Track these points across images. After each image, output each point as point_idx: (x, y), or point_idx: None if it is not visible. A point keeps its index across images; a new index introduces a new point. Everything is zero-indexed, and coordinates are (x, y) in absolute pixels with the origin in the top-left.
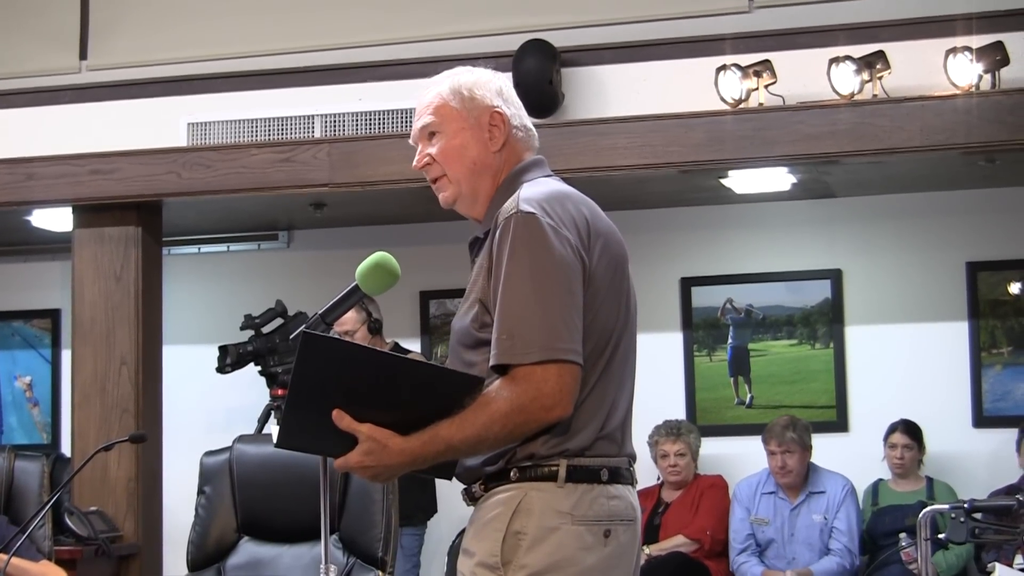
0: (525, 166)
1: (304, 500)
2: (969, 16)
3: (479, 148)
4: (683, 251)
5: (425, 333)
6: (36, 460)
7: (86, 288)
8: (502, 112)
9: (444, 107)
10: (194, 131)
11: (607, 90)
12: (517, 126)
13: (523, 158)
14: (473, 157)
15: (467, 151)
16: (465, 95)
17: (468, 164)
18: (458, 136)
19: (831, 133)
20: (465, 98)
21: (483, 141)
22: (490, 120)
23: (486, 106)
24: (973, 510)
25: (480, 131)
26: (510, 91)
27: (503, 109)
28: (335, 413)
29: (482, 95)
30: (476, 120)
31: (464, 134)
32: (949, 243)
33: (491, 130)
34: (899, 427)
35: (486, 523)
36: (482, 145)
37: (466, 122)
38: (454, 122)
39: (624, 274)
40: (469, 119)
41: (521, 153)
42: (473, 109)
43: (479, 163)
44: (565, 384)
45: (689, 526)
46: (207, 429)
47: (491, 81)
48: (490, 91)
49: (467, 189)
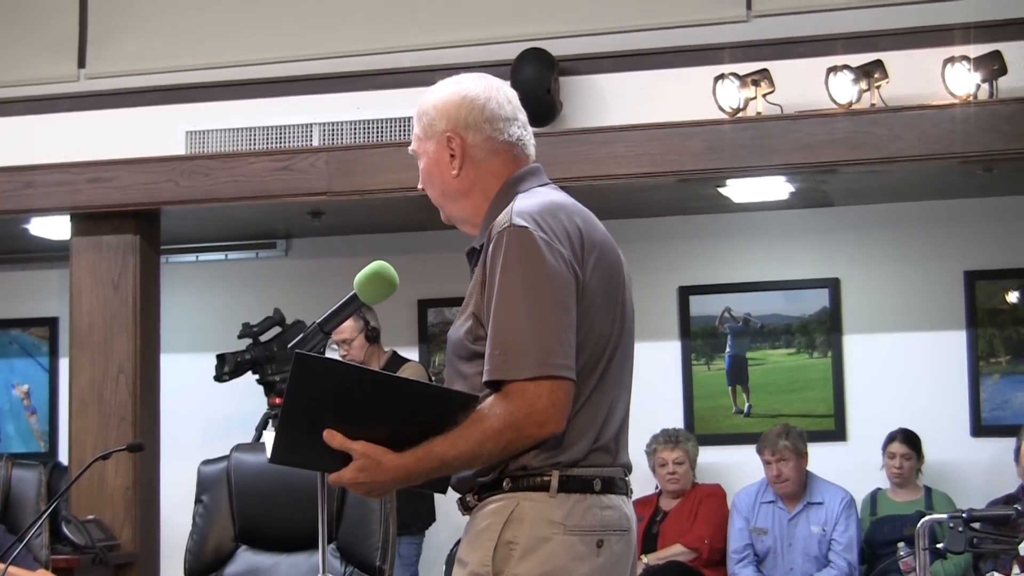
0: (520, 176)
1: (302, 509)
2: (967, 25)
3: (442, 173)
4: (681, 260)
5: (423, 341)
6: (33, 468)
7: (84, 296)
8: (455, 137)
9: (416, 133)
10: (192, 139)
11: (605, 99)
12: (485, 140)
13: (510, 170)
14: (439, 183)
15: (433, 177)
16: (425, 121)
17: (437, 189)
18: (427, 161)
19: (829, 142)
20: (425, 124)
21: (445, 166)
22: (448, 144)
23: (441, 130)
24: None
25: (442, 156)
26: (478, 104)
27: (458, 133)
28: (326, 433)
29: (441, 117)
30: (436, 145)
31: (429, 159)
32: (947, 252)
33: (451, 154)
34: (898, 436)
35: (479, 532)
36: (444, 170)
37: (429, 148)
38: (422, 147)
39: (619, 285)
40: (431, 145)
41: (504, 167)
42: (433, 135)
43: (446, 188)
44: (558, 400)
45: (687, 535)
46: (205, 438)
47: (453, 98)
48: (450, 113)
49: (449, 212)
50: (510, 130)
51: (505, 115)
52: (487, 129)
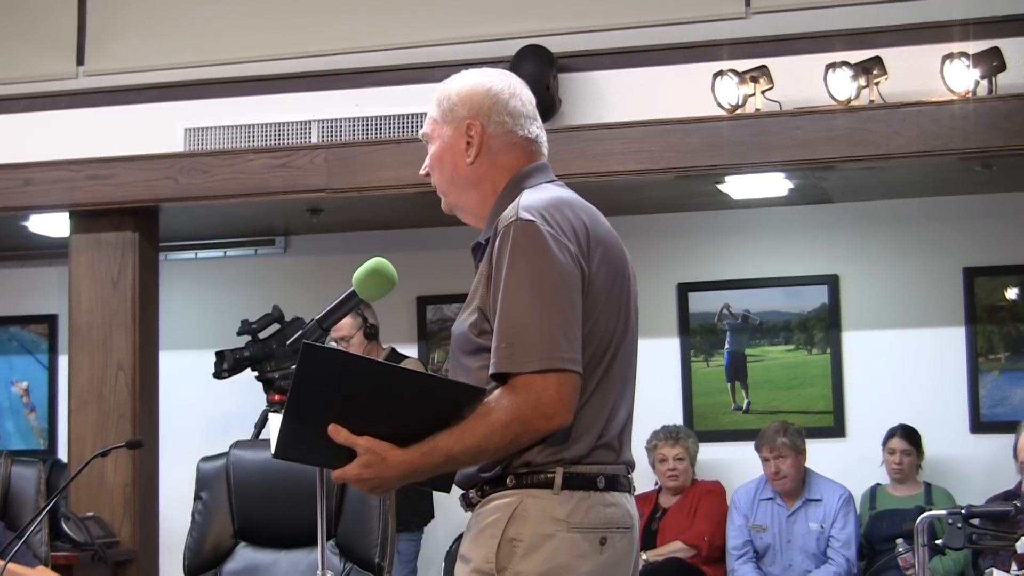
0: (527, 172)
1: (301, 506)
2: (966, 22)
3: (455, 160)
4: (680, 256)
5: (422, 339)
6: (33, 465)
7: (83, 293)
8: (476, 124)
9: (432, 116)
10: (191, 136)
11: (604, 95)
12: (505, 133)
13: (521, 165)
14: (450, 169)
15: (444, 162)
16: (445, 106)
17: (447, 175)
18: (440, 146)
19: (828, 139)
20: (445, 109)
21: (459, 153)
22: (466, 131)
23: (462, 117)
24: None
25: (458, 142)
26: (502, 99)
27: (479, 121)
28: (331, 428)
29: (463, 105)
30: (454, 131)
31: (444, 144)
32: (946, 248)
33: (468, 141)
34: (898, 432)
35: (482, 529)
36: (458, 157)
37: (445, 133)
38: (438, 132)
39: (624, 281)
40: (448, 130)
41: (518, 161)
42: (452, 120)
43: (456, 176)
44: (565, 393)
45: (687, 532)
46: (204, 434)
47: (478, 88)
48: (472, 101)
49: (452, 200)
50: (530, 127)
51: (527, 112)
52: (509, 123)
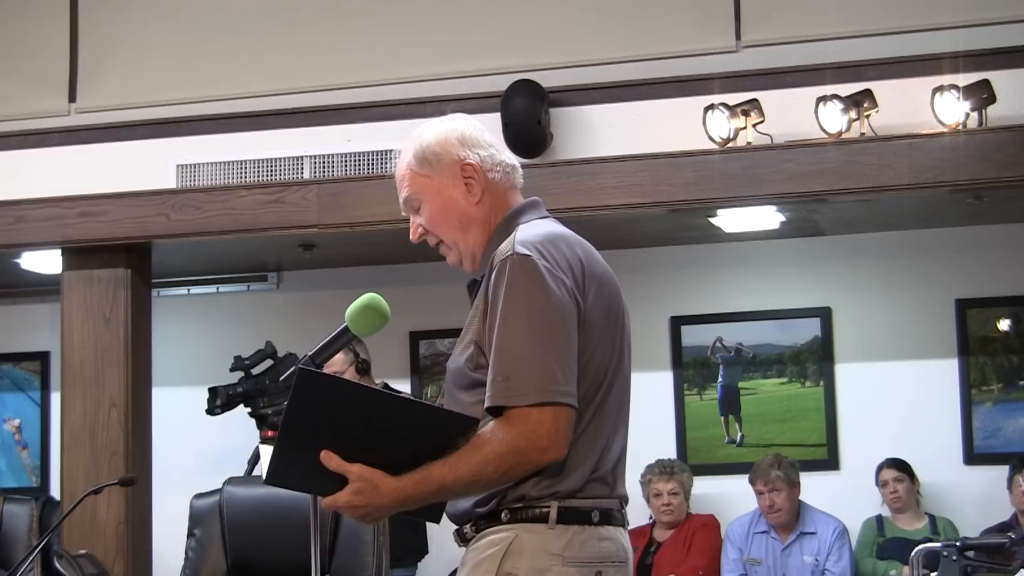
0: (521, 208)
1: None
2: (956, 54)
3: (460, 205)
4: (673, 290)
5: (415, 373)
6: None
7: (75, 330)
8: (471, 163)
9: (416, 177)
10: (183, 173)
11: (596, 130)
12: (491, 168)
13: (510, 199)
14: (458, 216)
15: (450, 212)
16: (431, 159)
17: (455, 224)
18: (438, 200)
19: (819, 172)
20: (432, 163)
21: (463, 195)
22: (463, 172)
23: (454, 160)
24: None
25: (457, 187)
26: (475, 133)
27: (471, 159)
28: (323, 454)
29: (447, 151)
30: (450, 178)
31: (443, 196)
32: (938, 280)
33: (467, 183)
34: (886, 464)
35: (477, 564)
36: (463, 201)
37: (441, 184)
38: (430, 188)
39: (619, 316)
40: (443, 180)
41: (506, 194)
42: (443, 169)
43: (465, 218)
44: (560, 426)
45: (681, 566)
46: (197, 471)
47: (451, 132)
48: (453, 144)
49: (464, 248)
50: (504, 152)
51: (494, 140)
52: (492, 152)
